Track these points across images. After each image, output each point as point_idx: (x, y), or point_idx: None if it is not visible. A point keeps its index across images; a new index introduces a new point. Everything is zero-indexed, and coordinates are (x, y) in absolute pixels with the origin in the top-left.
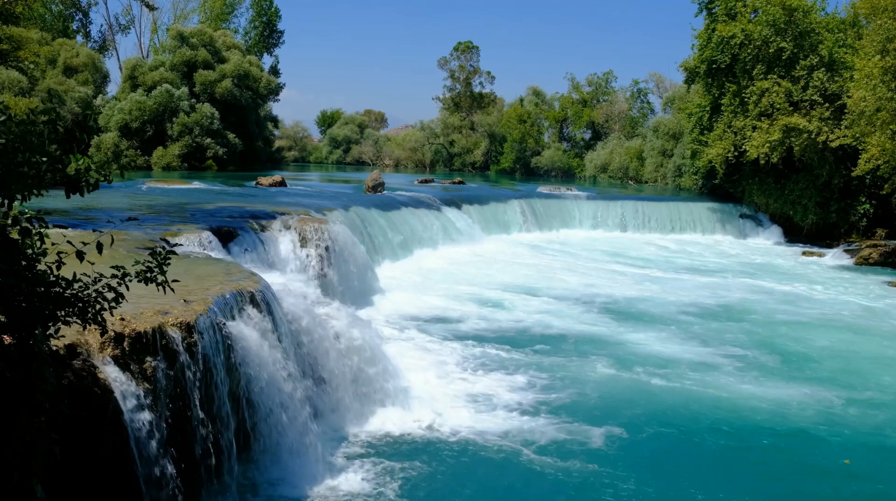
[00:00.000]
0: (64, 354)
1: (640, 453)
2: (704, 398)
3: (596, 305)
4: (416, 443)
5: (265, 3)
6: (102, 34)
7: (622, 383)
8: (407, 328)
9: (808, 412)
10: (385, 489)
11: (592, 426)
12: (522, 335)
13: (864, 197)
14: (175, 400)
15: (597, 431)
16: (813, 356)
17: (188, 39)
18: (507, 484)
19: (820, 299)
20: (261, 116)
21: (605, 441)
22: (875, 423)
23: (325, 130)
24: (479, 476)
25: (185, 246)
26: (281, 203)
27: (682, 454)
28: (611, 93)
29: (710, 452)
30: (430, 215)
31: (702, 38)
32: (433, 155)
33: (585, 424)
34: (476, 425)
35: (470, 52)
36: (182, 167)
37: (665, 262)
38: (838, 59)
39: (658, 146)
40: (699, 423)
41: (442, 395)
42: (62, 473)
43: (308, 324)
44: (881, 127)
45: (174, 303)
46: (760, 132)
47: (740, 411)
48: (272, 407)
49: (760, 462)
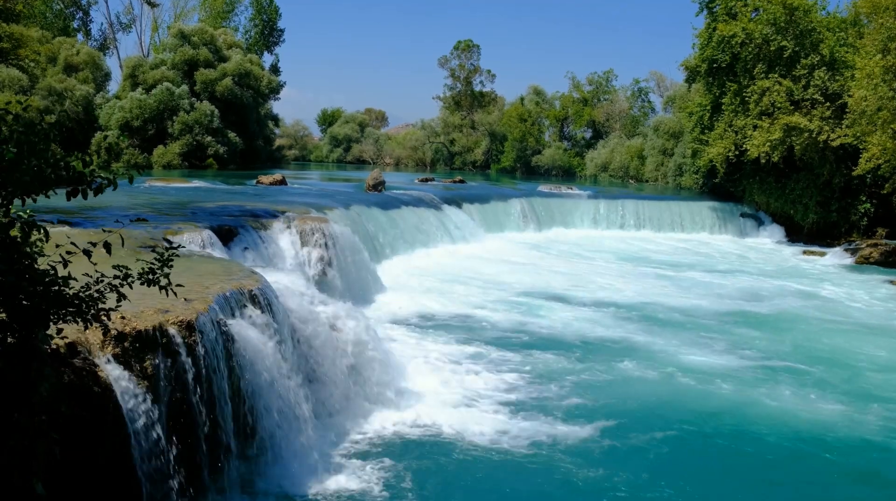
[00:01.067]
0: (64, 352)
1: (639, 453)
2: (722, 402)
3: (598, 304)
4: (416, 443)
5: (265, 2)
6: (103, 32)
7: (623, 384)
8: (407, 327)
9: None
10: (385, 489)
11: (592, 428)
12: (523, 335)
13: (865, 196)
14: (175, 399)
15: (594, 430)
16: (818, 356)
17: (189, 38)
18: (506, 486)
19: (823, 298)
20: (261, 114)
21: (596, 438)
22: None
23: (326, 129)
24: (479, 478)
25: (185, 245)
26: (281, 202)
27: (696, 460)
28: (611, 92)
29: (729, 457)
30: (431, 214)
31: (702, 37)
32: (434, 154)
33: (585, 425)
34: (477, 426)
35: (470, 50)
36: (182, 166)
37: (663, 261)
38: (839, 59)
39: (659, 145)
40: (716, 427)
41: (442, 395)
42: (63, 472)
43: (308, 323)
44: (882, 126)
45: (175, 302)
46: (761, 131)
47: (762, 422)
48: (272, 406)
49: (769, 466)
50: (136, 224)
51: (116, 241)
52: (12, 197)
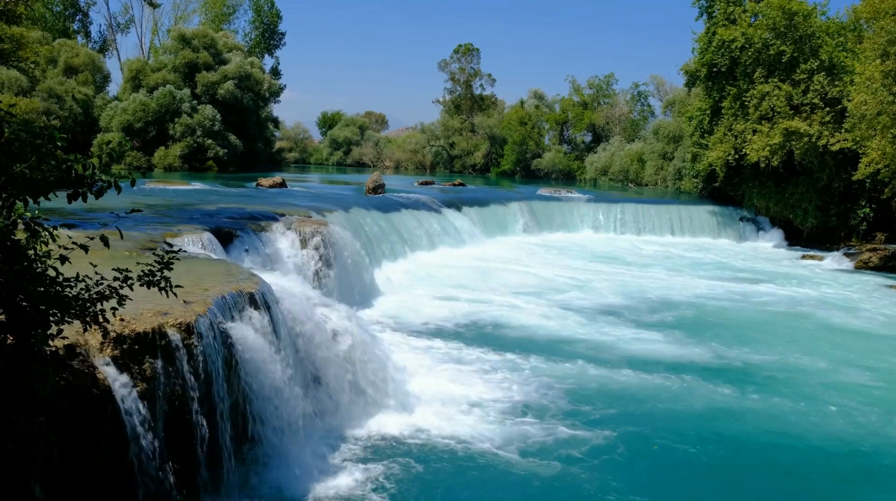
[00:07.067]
0: (63, 354)
1: (629, 454)
2: (710, 407)
3: (598, 306)
4: (415, 446)
5: (265, 5)
6: (102, 34)
7: (624, 385)
8: (406, 330)
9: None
10: (383, 491)
11: (591, 432)
12: (522, 339)
13: (864, 201)
14: (174, 401)
15: (597, 436)
16: (815, 360)
17: (190, 41)
18: (504, 489)
19: (821, 302)
20: (262, 117)
21: (604, 445)
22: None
23: (326, 132)
24: (479, 480)
25: (185, 247)
26: (281, 204)
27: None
28: (611, 95)
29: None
30: (430, 217)
31: (702, 41)
32: (434, 157)
33: (585, 430)
34: (475, 428)
35: (471, 54)
36: (183, 168)
37: (661, 265)
38: (839, 63)
39: (658, 149)
40: (709, 431)
41: (440, 397)
42: (61, 474)
43: (307, 325)
44: (882, 131)
45: (174, 304)
46: (761, 136)
47: (752, 423)
48: (271, 408)
49: (776, 472)
50: (136, 226)
51: (115, 237)
52: (14, 199)
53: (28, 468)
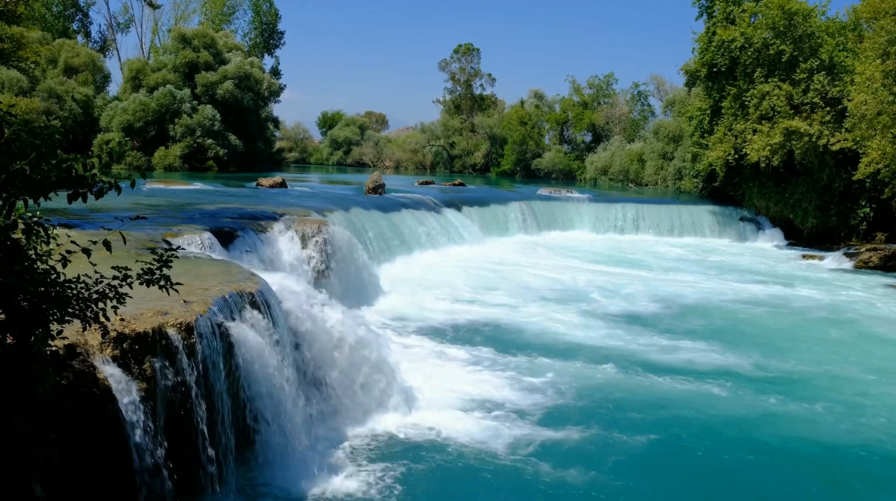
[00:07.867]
0: (63, 354)
1: (624, 452)
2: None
3: (598, 307)
4: (416, 446)
5: (264, 5)
6: (103, 34)
7: (625, 387)
8: (406, 329)
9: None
10: (384, 492)
11: (591, 432)
12: (522, 339)
13: (865, 201)
14: (174, 401)
15: (594, 436)
16: (815, 360)
17: (190, 41)
18: (504, 490)
19: (821, 302)
20: (262, 117)
21: (601, 445)
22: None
23: (326, 132)
24: (478, 481)
25: (185, 247)
26: (281, 204)
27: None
28: (612, 95)
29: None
30: (431, 217)
31: (702, 41)
32: (434, 157)
33: (585, 430)
34: (476, 429)
35: (471, 54)
36: (183, 168)
37: (660, 265)
38: (839, 63)
39: (658, 149)
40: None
41: (441, 397)
42: (61, 473)
43: (308, 325)
44: (882, 131)
45: (174, 304)
46: (761, 135)
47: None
48: (272, 408)
49: (777, 472)
50: (136, 226)
51: (117, 240)
52: (14, 199)
53: (28, 467)
